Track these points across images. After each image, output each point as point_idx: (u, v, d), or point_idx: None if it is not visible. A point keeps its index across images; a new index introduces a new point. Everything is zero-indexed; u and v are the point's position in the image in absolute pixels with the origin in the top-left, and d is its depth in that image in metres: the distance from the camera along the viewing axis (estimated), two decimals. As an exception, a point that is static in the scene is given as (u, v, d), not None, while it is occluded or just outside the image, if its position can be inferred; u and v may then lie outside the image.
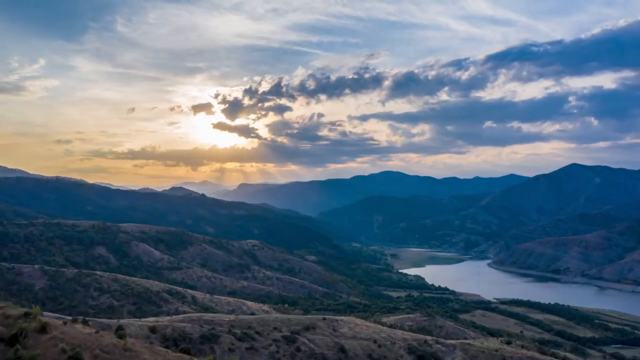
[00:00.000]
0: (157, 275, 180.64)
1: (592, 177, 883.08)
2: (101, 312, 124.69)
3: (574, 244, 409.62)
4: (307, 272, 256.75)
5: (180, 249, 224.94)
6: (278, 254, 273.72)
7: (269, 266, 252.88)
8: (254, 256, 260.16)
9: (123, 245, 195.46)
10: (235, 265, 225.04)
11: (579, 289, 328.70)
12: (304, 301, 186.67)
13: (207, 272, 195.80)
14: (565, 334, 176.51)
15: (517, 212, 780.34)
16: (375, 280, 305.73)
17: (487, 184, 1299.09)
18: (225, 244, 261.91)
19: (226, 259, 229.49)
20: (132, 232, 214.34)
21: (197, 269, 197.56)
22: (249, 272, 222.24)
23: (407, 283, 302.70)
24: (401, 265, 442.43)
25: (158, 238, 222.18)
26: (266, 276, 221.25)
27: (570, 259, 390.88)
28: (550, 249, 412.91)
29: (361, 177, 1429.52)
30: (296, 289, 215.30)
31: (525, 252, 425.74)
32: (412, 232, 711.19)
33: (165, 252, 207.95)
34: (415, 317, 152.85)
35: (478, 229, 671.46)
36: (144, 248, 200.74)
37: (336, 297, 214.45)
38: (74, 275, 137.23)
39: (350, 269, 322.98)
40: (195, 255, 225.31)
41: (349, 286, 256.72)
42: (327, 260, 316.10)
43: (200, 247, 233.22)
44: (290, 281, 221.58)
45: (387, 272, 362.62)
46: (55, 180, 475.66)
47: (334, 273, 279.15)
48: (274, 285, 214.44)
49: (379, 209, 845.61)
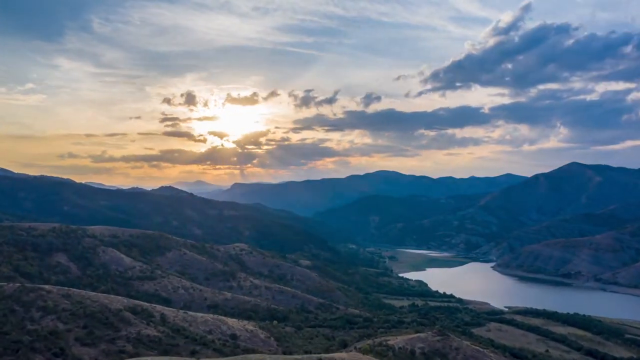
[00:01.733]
0: (125, 287, 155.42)
1: (592, 176, 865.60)
2: (40, 339, 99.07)
3: (584, 246, 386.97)
4: (300, 280, 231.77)
5: (157, 254, 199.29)
6: (268, 259, 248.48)
7: (258, 273, 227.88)
8: (241, 262, 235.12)
9: (88, 252, 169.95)
10: (219, 273, 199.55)
11: (594, 295, 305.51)
12: (295, 315, 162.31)
13: (185, 282, 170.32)
14: (598, 353, 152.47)
15: (516, 212, 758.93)
16: (375, 286, 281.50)
17: (484, 184, 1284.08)
18: (210, 249, 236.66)
19: (209, 266, 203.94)
20: (101, 236, 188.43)
21: (174, 278, 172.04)
22: (234, 280, 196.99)
23: (409, 290, 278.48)
24: (400, 268, 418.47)
25: (131, 243, 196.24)
26: (254, 285, 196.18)
27: (580, 261, 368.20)
28: (558, 251, 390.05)
29: (357, 177, 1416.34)
30: (287, 299, 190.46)
31: (532, 255, 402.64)
32: (410, 232, 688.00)
33: (138, 258, 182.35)
34: (426, 337, 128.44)
35: (478, 230, 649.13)
36: (113, 255, 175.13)
37: (332, 308, 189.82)
38: (13, 290, 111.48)
39: (347, 274, 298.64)
40: (174, 261, 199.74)
41: (347, 295, 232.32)
42: (322, 265, 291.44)
43: (179, 252, 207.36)
44: (281, 290, 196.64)
45: (386, 277, 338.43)
46: (34, 179, 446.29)
47: (330, 280, 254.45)
48: (262, 295, 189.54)
49: (375, 209, 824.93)
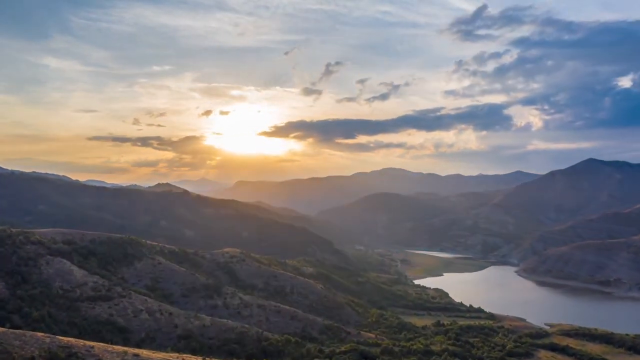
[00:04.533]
0: (68, 312, 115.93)
1: (611, 173, 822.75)
2: None
3: (621, 249, 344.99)
4: (302, 293, 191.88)
5: (123, 265, 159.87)
6: (264, 267, 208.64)
7: (251, 286, 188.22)
8: (231, 272, 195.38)
9: (26, 264, 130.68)
10: (201, 288, 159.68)
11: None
12: (294, 347, 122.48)
13: (151, 303, 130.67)
14: None
15: (534, 210, 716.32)
16: (390, 298, 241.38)
17: (492, 181, 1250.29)
18: (193, 256, 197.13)
19: (188, 278, 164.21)
20: (50, 242, 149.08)
21: (138, 298, 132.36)
22: (219, 297, 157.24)
23: (430, 303, 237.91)
24: (415, 273, 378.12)
25: (90, 250, 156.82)
26: (243, 303, 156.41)
27: (619, 267, 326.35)
28: (591, 255, 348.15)
29: (362, 174, 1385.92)
30: (285, 322, 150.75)
31: (561, 259, 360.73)
32: (421, 233, 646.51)
33: (95, 271, 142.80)
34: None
35: (494, 230, 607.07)
36: (60, 267, 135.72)
37: (342, 333, 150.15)
38: None
39: (357, 283, 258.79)
40: (144, 273, 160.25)
41: (358, 311, 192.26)
42: (328, 273, 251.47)
43: (152, 261, 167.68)
44: (278, 310, 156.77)
45: (401, 285, 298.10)
46: (11, 174, 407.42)
47: (337, 292, 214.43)
48: (253, 317, 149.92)
49: (382, 208, 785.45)
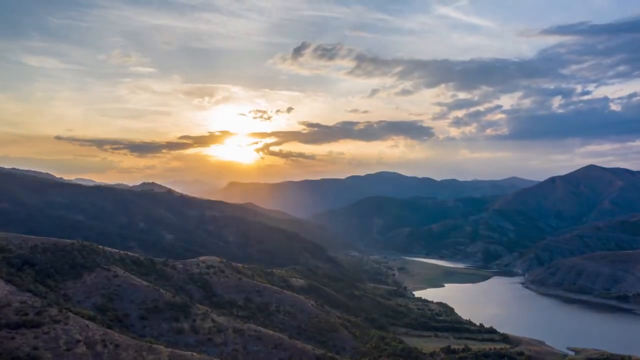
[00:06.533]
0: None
1: (613, 180, 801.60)
2: None
3: (637, 261, 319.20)
4: (290, 312, 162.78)
5: (68, 278, 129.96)
6: (246, 279, 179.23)
7: (229, 302, 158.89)
8: (206, 285, 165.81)
9: None
10: (165, 307, 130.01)
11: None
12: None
13: (94, 331, 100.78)
14: None
15: (534, 217, 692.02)
16: (390, 315, 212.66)
17: (489, 187, 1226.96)
18: (162, 266, 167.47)
19: (151, 295, 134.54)
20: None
21: (78, 323, 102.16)
22: (186, 319, 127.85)
23: (436, 321, 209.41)
24: (414, 283, 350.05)
25: (25, 259, 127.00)
26: (216, 326, 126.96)
27: (636, 280, 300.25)
28: (606, 267, 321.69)
29: (356, 177, 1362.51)
30: (267, 353, 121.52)
31: (572, 270, 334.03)
32: (418, 239, 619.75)
33: (28, 287, 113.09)
34: None
35: (494, 237, 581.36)
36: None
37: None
38: None
39: (353, 297, 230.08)
40: (95, 289, 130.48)
41: (355, 334, 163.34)
42: (321, 285, 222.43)
43: (107, 273, 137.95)
44: (258, 335, 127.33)
45: (400, 298, 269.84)
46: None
47: (331, 309, 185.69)
48: (227, 345, 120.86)
49: (377, 212, 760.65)
